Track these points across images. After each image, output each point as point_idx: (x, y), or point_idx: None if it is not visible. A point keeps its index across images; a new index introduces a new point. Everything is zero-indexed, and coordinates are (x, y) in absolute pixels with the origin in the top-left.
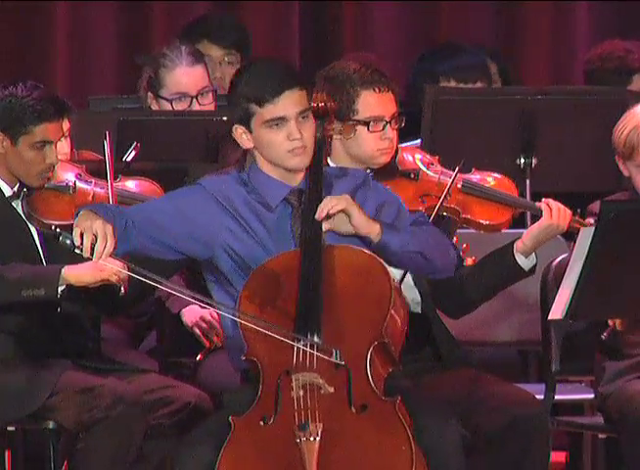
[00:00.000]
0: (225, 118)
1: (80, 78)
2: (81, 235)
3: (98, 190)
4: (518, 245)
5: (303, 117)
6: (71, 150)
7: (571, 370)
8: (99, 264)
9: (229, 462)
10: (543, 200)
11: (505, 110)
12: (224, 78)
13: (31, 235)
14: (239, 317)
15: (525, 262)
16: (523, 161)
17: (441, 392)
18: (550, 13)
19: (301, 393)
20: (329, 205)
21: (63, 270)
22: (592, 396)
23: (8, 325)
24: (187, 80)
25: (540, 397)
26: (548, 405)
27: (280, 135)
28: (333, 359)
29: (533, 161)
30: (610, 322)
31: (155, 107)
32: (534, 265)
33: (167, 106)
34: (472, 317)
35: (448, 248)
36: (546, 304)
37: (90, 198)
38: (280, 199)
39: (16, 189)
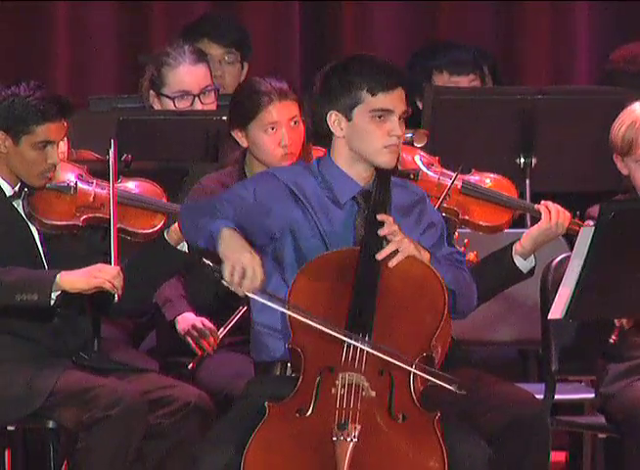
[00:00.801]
0: (225, 118)
1: (80, 78)
2: (232, 270)
3: (99, 190)
4: (516, 247)
5: (401, 119)
6: (68, 149)
7: (570, 370)
8: (93, 271)
9: (260, 445)
10: (542, 202)
11: (505, 109)
12: (224, 77)
13: (32, 235)
14: (290, 310)
15: (523, 264)
16: (522, 160)
17: (441, 391)
18: (550, 13)
19: (344, 391)
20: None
21: (57, 277)
22: (592, 395)
23: (8, 325)
24: (189, 79)
25: (540, 396)
26: (548, 405)
27: (382, 128)
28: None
29: (533, 160)
30: (616, 322)
31: (157, 105)
32: (533, 267)
33: (170, 104)
34: (472, 317)
35: (474, 293)
36: (546, 303)
37: (91, 198)
38: (350, 196)
39: (17, 189)
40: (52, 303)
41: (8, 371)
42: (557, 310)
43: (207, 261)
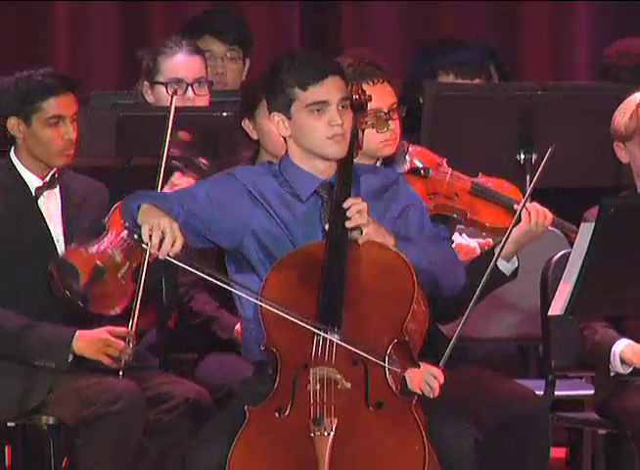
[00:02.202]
0: (225, 114)
1: (81, 75)
2: (150, 231)
3: None
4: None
5: (343, 107)
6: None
7: (570, 366)
8: (103, 344)
9: (242, 451)
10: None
11: (505, 106)
12: (226, 74)
13: (51, 236)
14: (262, 301)
15: (506, 267)
16: (522, 156)
17: (441, 389)
18: (550, 9)
19: (318, 387)
20: (351, 203)
21: (72, 343)
22: (592, 391)
23: None
24: (184, 67)
25: (540, 392)
26: (548, 401)
27: (321, 121)
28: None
29: (533, 156)
30: None
31: (149, 97)
32: (516, 269)
33: (162, 91)
34: (472, 313)
35: (458, 268)
36: (546, 299)
37: None
38: (311, 191)
39: (48, 179)
40: (69, 364)
41: (8, 367)
42: (557, 306)
43: (127, 224)
